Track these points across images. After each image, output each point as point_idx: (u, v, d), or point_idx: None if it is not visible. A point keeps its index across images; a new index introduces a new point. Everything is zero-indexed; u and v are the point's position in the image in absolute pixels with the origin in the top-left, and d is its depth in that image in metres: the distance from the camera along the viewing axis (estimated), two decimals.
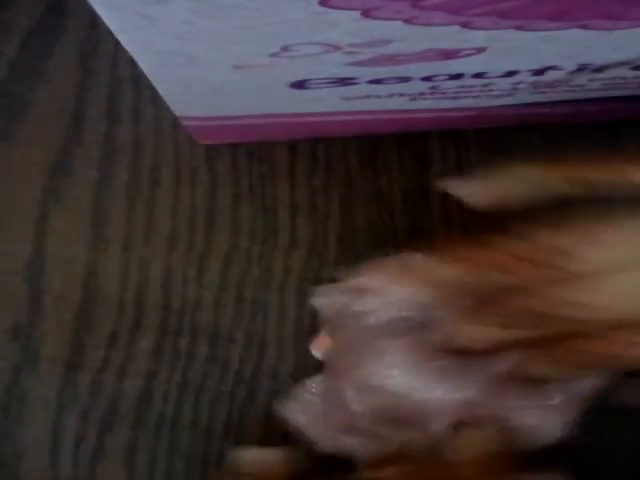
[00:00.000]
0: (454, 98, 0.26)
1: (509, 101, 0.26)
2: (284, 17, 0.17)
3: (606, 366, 0.22)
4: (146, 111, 0.31)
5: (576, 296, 0.20)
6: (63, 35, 0.32)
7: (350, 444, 0.25)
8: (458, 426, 0.23)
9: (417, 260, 0.24)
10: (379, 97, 0.25)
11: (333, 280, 0.26)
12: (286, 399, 0.26)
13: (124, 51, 0.19)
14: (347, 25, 0.17)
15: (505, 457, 0.22)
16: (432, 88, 0.24)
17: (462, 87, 0.24)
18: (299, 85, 0.23)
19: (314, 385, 0.26)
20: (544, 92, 0.25)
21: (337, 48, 0.19)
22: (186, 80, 0.22)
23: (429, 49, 0.20)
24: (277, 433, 0.27)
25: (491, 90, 0.25)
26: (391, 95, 0.25)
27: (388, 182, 0.30)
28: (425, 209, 0.30)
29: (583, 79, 0.24)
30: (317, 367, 0.27)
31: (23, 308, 0.29)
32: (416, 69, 0.22)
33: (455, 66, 0.22)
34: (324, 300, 0.26)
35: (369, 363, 0.24)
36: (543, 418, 0.24)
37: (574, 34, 0.19)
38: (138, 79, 0.31)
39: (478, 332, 0.22)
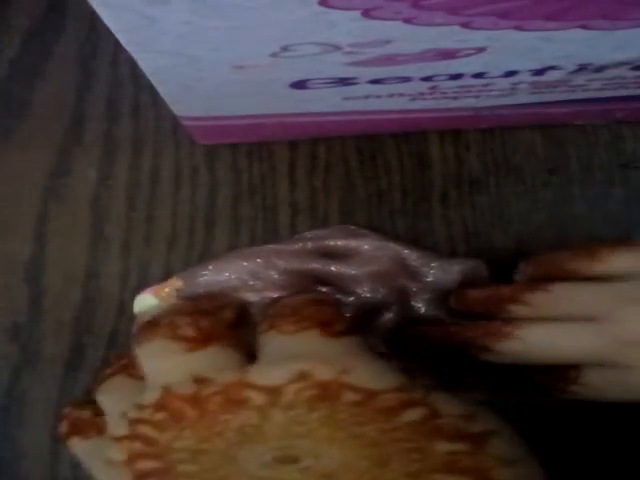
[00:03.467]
0: (454, 98, 0.26)
1: (509, 101, 0.26)
2: (284, 17, 0.17)
3: None
4: (146, 111, 0.31)
5: None
6: (63, 35, 0.32)
7: None
8: None
9: None
10: (379, 97, 0.25)
11: None
12: None
13: (124, 51, 0.19)
14: (347, 25, 0.17)
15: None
16: (432, 88, 0.24)
17: (462, 87, 0.24)
18: (299, 85, 0.23)
19: None
20: (544, 92, 0.25)
21: (337, 48, 0.19)
22: (186, 80, 0.22)
23: (429, 49, 0.20)
24: None
25: (491, 90, 0.25)
26: (391, 95, 0.25)
27: (388, 182, 0.30)
28: (425, 209, 0.30)
29: (583, 79, 0.24)
30: None
31: (23, 308, 0.29)
32: (416, 69, 0.22)
33: (455, 66, 0.22)
34: None
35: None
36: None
37: (574, 34, 0.19)
38: (138, 79, 0.31)
39: None
